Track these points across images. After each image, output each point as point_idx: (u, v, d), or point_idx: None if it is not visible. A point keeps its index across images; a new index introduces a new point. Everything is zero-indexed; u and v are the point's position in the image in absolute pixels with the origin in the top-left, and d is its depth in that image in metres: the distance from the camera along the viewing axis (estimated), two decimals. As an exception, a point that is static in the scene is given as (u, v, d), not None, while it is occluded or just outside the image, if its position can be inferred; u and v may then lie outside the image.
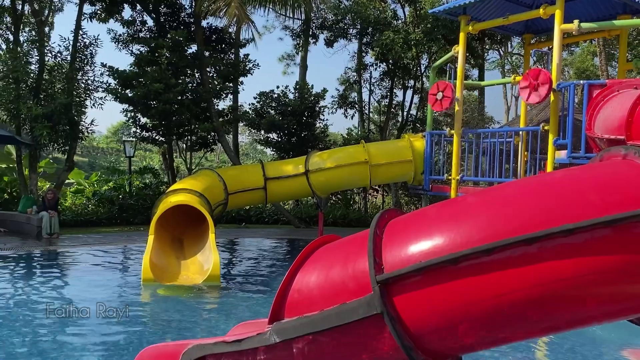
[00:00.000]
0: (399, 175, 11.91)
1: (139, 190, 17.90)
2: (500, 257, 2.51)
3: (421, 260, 2.72)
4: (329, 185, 11.84)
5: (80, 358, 4.77)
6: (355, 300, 2.85)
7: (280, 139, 18.80)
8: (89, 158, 46.59)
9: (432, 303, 2.72)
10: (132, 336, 5.49)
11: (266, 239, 14.48)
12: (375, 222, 3.09)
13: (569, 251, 2.40)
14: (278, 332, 3.18)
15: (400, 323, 2.79)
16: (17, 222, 13.58)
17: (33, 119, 13.91)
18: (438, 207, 3.09)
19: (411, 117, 21.85)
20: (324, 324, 2.97)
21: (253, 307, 6.90)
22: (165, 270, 8.42)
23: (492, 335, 2.76)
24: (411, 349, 2.81)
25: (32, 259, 10.52)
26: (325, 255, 3.34)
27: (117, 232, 14.34)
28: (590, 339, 5.97)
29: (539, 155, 9.62)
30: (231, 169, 13.68)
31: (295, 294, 3.26)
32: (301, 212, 18.72)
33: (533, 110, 14.34)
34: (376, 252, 2.90)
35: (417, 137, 11.80)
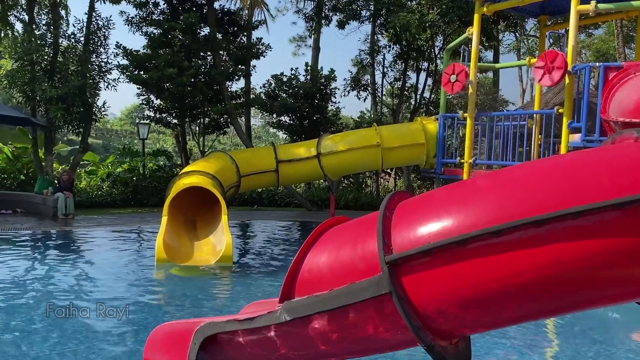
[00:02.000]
0: (411, 158, 11.87)
1: (153, 172, 18.06)
2: (510, 238, 2.53)
3: (430, 241, 2.74)
4: (341, 168, 11.85)
5: (96, 336, 4.88)
6: (365, 280, 2.89)
7: (292, 122, 18.79)
8: (103, 140, 47.00)
9: (441, 284, 2.75)
10: (146, 315, 5.61)
11: (278, 221, 14.57)
12: (384, 203, 3.11)
13: (578, 233, 2.40)
14: (288, 310, 3.23)
15: (409, 303, 2.82)
16: (34, 203, 13.80)
17: (48, 101, 14.05)
18: (448, 189, 3.10)
19: (424, 100, 21.67)
20: (334, 302, 3.02)
21: (264, 287, 6.99)
22: (178, 251, 8.54)
23: (500, 316, 2.79)
24: (419, 328, 2.85)
25: (48, 238, 10.72)
26: (336, 236, 3.38)
27: (131, 214, 14.53)
28: (600, 322, 5.98)
29: (553, 138, 9.53)
30: (243, 152, 13.73)
31: (306, 273, 3.31)
32: (313, 195, 18.77)
33: (548, 93, 14.16)
34: (385, 233, 2.93)
35: (430, 120, 11.73)
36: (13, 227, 11.15)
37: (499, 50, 25.18)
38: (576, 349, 5.16)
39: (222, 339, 3.77)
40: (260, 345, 3.60)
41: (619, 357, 4.93)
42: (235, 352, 3.76)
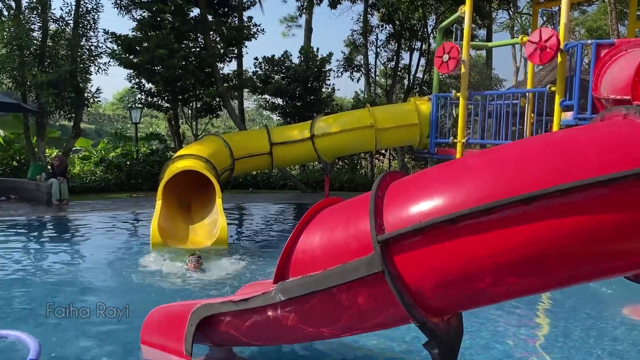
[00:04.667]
0: (404, 139, 11.88)
1: (146, 156, 18.00)
2: (499, 216, 2.58)
3: (421, 220, 2.79)
4: (335, 150, 11.85)
5: (92, 320, 4.92)
6: (357, 260, 2.95)
7: (286, 103, 18.72)
8: (96, 125, 46.70)
9: (432, 262, 2.81)
10: (142, 298, 5.65)
11: (273, 203, 14.61)
12: (376, 184, 3.15)
13: (566, 210, 2.45)
14: (283, 291, 3.30)
15: (401, 281, 2.89)
16: (27, 189, 13.75)
17: (38, 86, 13.91)
18: (438, 169, 3.14)
19: (418, 80, 21.62)
20: (327, 282, 3.08)
21: (260, 269, 7.03)
22: (173, 235, 8.57)
23: (490, 293, 2.85)
24: (411, 306, 2.92)
25: (43, 224, 10.71)
26: (329, 217, 3.42)
27: (126, 198, 14.52)
28: (591, 297, 6.07)
29: (546, 117, 9.55)
30: (237, 135, 13.69)
31: (300, 254, 3.36)
32: (307, 177, 18.79)
33: (542, 71, 14.14)
34: (377, 213, 2.98)
35: (423, 100, 11.71)
36: (7, 214, 11.12)
37: (492, 28, 25.04)
38: (567, 325, 5.25)
39: (218, 320, 3.83)
40: (255, 325, 3.66)
41: (610, 332, 5.03)
42: (231, 332, 3.83)
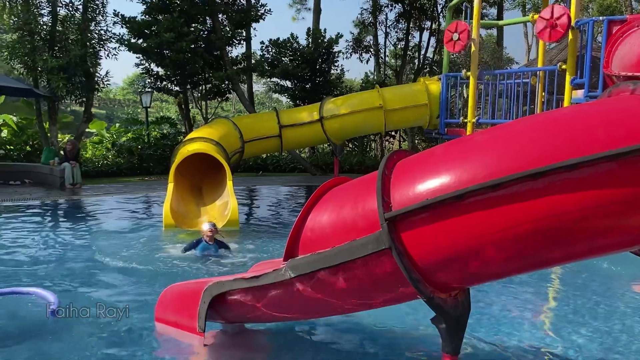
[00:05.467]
0: (414, 119, 11.84)
1: (157, 140, 18.11)
2: (506, 192, 2.61)
3: (428, 197, 2.83)
4: (344, 132, 11.85)
5: (106, 300, 5.03)
6: (365, 237, 3.00)
7: (294, 86, 18.68)
8: (106, 110, 46.90)
9: (439, 238, 2.85)
10: (155, 278, 5.76)
11: (283, 186, 14.69)
12: (384, 162, 3.19)
13: (574, 185, 2.48)
14: (293, 268, 3.37)
15: (408, 257, 2.94)
16: (41, 174, 13.93)
17: (49, 71, 14.01)
18: (445, 146, 3.16)
19: (428, 60, 21.43)
20: (336, 259, 3.14)
21: (271, 248, 7.13)
22: (185, 217, 8.68)
23: (497, 268, 2.89)
24: (419, 281, 2.97)
25: (57, 208, 10.88)
26: (337, 195, 3.46)
27: (138, 182, 14.67)
28: (600, 274, 6.09)
29: (557, 95, 9.46)
30: (246, 118, 13.72)
31: (308, 232, 3.42)
32: (317, 160, 18.82)
33: (553, 49, 13.97)
34: (384, 191, 3.02)
35: (433, 80, 11.64)
36: (23, 198, 11.31)
37: (503, 6, 24.66)
38: (577, 301, 5.29)
39: (230, 297, 3.91)
40: (266, 302, 3.74)
41: (618, 308, 5.06)
42: (242, 309, 3.92)
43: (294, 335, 4.37)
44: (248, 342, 4.24)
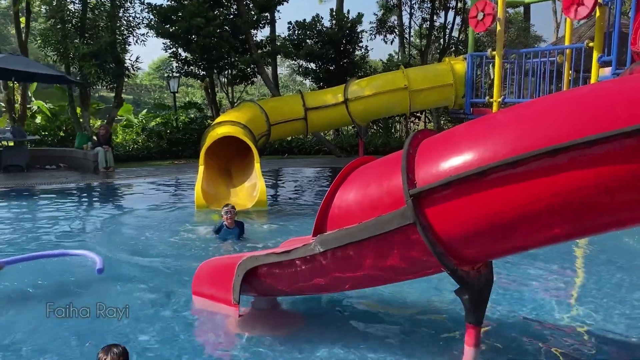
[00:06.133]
0: (439, 100, 11.84)
1: (185, 125, 18.43)
2: (527, 168, 2.75)
3: (451, 174, 2.98)
4: (368, 113, 11.93)
5: (145, 277, 5.31)
6: (391, 213, 3.17)
7: (319, 68, 18.73)
8: (133, 95, 47.64)
9: (462, 213, 3.01)
10: (189, 255, 6.04)
11: (308, 168, 14.87)
12: (408, 141, 3.34)
13: (593, 161, 2.59)
14: (321, 243, 3.57)
15: (432, 232, 3.11)
16: (75, 158, 14.36)
17: (81, 58, 14.38)
18: (468, 125, 3.30)
19: (453, 39, 21.16)
20: (363, 234, 3.33)
21: (298, 227, 7.31)
22: (216, 198, 8.96)
23: (517, 241, 3.04)
24: (442, 254, 3.14)
25: (93, 190, 11.30)
26: (363, 174, 3.63)
27: (168, 165, 15.02)
28: (626, 251, 6.13)
29: (584, 73, 9.36)
30: (272, 101, 13.88)
31: (336, 209, 3.61)
32: (342, 142, 18.92)
33: (582, 26, 13.70)
34: (409, 169, 3.18)
35: (458, 60, 11.59)
36: (59, 181, 11.76)
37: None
38: (600, 277, 5.36)
39: (262, 271, 4.14)
40: (296, 275, 3.96)
41: (641, 284, 5.12)
42: (274, 282, 4.14)
43: (321, 307, 4.58)
44: (278, 314, 4.46)
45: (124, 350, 2.79)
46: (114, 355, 2.73)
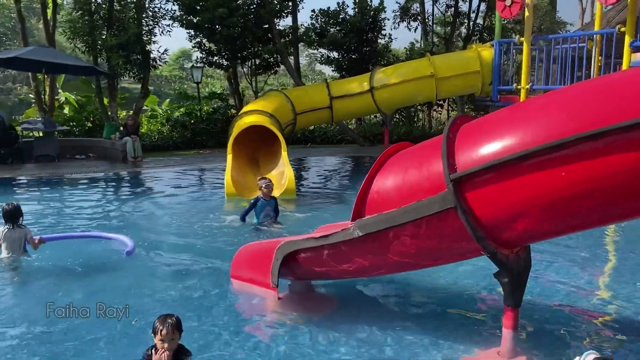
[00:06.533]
0: (466, 87, 11.75)
1: (209, 115, 18.61)
2: (568, 152, 2.79)
3: (492, 159, 3.02)
4: (394, 101, 11.90)
5: (180, 263, 5.45)
6: (431, 197, 3.23)
7: (341, 57, 18.71)
8: (154, 86, 48.09)
9: (502, 197, 3.06)
10: (223, 241, 6.18)
11: (332, 157, 14.94)
12: (448, 126, 3.39)
13: (634, 145, 2.61)
14: (360, 227, 3.64)
15: (473, 216, 3.16)
16: (103, 148, 14.65)
17: (109, 49, 14.62)
18: (508, 110, 3.33)
19: (478, 26, 20.88)
20: (402, 218, 3.39)
21: (326, 214, 7.40)
22: (244, 186, 9.08)
23: (557, 225, 3.08)
24: (483, 238, 3.19)
25: (122, 179, 11.55)
26: (401, 160, 3.69)
27: (193, 155, 15.22)
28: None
29: (615, 59, 9.22)
30: (297, 90, 13.91)
31: (375, 194, 3.68)
32: (364, 131, 18.91)
33: (611, 11, 13.43)
34: (449, 154, 3.24)
35: (485, 46, 11.49)
36: (90, 170, 12.04)
37: (558, -32, 23.65)
38: (635, 262, 5.34)
39: (300, 255, 4.24)
40: (334, 259, 4.05)
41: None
42: (311, 266, 4.24)
43: (355, 291, 4.67)
44: (313, 297, 4.57)
45: (177, 320, 3.00)
46: (168, 326, 2.94)
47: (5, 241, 5.23)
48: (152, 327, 2.98)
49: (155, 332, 2.96)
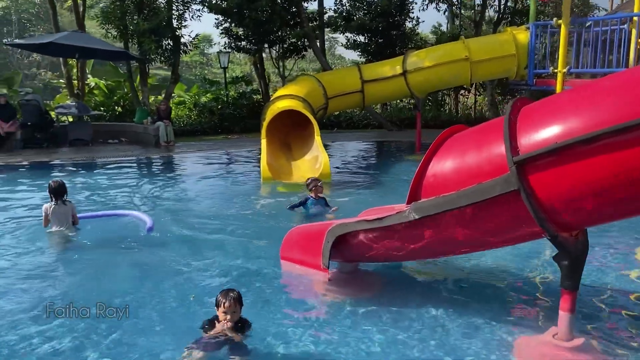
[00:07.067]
0: (500, 71, 11.56)
1: (235, 100, 18.70)
2: (633, 135, 2.73)
3: (556, 141, 3.00)
4: (428, 85, 11.77)
5: (236, 247, 5.52)
6: (493, 180, 3.23)
7: (369, 40, 18.56)
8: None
9: (566, 180, 3.05)
10: (266, 224, 6.27)
11: (361, 141, 14.94)
12: (509, 109, 3.37)
13: None
14: (417, 210, 3.66)
15: (535, 198, 3.16)
16: (135, 133, 14.86)
17: (140, 34, 14.73)
18: (570, 92, 3.30)
19: (508, 9, 20.47)
20: (462, 201, 3.40)
21: (364, 198, 7.41)
22: (279, 170, 9.15)
23: (620, 208, 3.05)
24: (544, 220, 3.19)
25: (157, 163, 11.72)
26: (458, 143, 3.69)
27: (222, 140, 15.35)
28: None
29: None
30: (329, 74, 13.80)
31: (431, 178, 3.69)
32: (391, 115, 18.81)
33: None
34: (512, 136, 3.21)
35: (521, 29, 11.27)
36: (125, 154, 12.25)
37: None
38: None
39: (351, 238, 4.27)
40: (386, 242, 4.07)
41: None
42: (361, 248, 4.27)
43: (402, 272, 4.71)
44: (361, 279, 4.62)
45: (239, 294, 3.26)
46: (231, 300, 3.18)
47: (54, 216, 5.65)
48: (215, 300, 3.22)
49: (219, 304, 3.19)
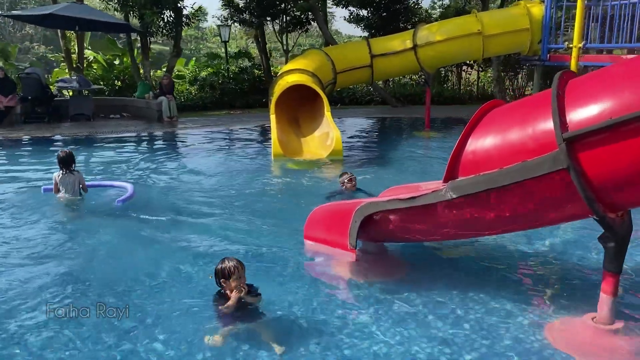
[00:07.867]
0: (513, 45, 11.30)
1: (236, 75, 18.36)
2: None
3: (611, 116, 2.83)
4: (438, 60, 11.52)
5: (257, 226, 5.35)
6: (540, 157, 3.06)
7: (372, 14, 18.20)
8: (169, 47, 47.62)
9: (618, 159, 2.88)
10: (283, 202, 6.13)
11: (367, 118, 14.74)
12: (556, 82, 3.18)
13: None
14: (454, 189, 3.50)
15: (585, 177, 2.99)
16: (137, 107, 14.58)
17: (142, 6, 14.32)
18: (623, 65, 3.11)
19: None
20: (505, 179, 3.24)
21: (380, 176, 7.24)
22: (289, 147, 8.96)
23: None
24: (593, 200, 3.03)
25: (161, 138, 11.50)
26: (497, 118, 3.51)
27: (225, 115, 15.11)
28: None
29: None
30: (337, 48, 13.45)
31: (470, 155, 3.52)
32: (394, 92, 18.55)
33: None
34: (560, 112, 3.03)
35: (535, 3, 10.98)
36: (127, 130, 12.01)
37: None
38: None
39: (379, 217, 4.11)
40: (418, 222, 3.91)
41: None
42: (390, 228, 4.11)
43: (429, 253, 4.59)
44: (387, 259, 4.50)
45: (239, 260, 3.26)
46: (238, 264, 3.19)
47: (62, 184, 5.93)
48: (222, 272, 3.19)
49: (231, 272, 3.16)
